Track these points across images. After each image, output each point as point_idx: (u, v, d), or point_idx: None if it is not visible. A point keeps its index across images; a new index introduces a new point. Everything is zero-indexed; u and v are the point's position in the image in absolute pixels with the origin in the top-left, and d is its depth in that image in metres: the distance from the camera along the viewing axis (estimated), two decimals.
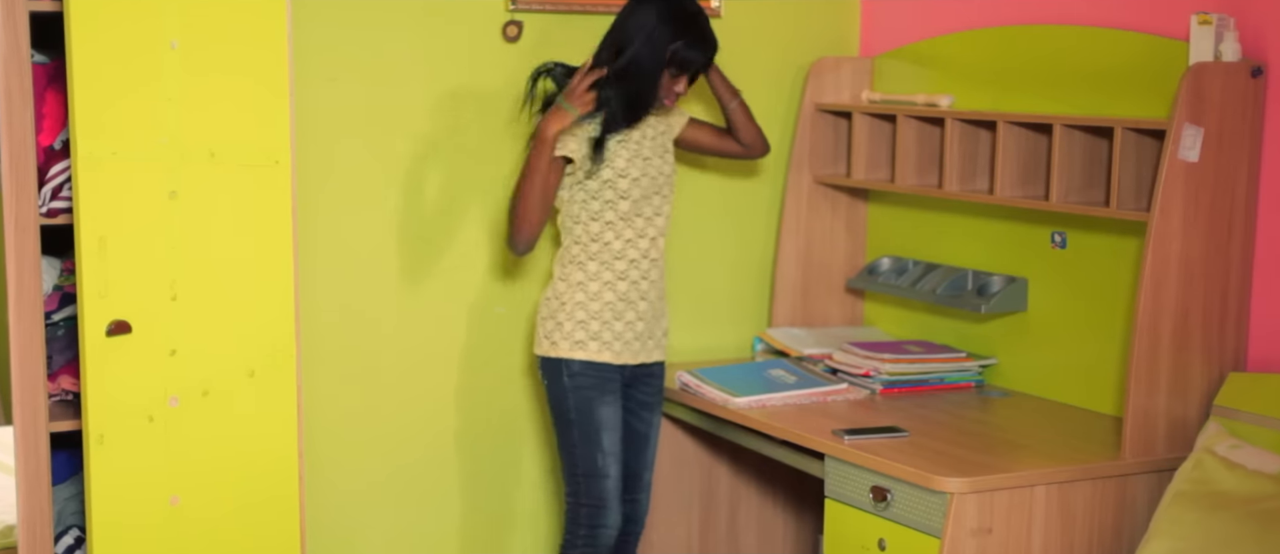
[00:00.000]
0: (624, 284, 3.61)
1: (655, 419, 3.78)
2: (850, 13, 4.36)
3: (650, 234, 3.65)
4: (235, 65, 3.16)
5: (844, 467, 3.32)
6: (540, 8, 3.92)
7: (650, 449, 3.78)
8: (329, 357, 3.82)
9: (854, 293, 4.37)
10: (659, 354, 3.74)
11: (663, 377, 3.78)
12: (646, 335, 3.67)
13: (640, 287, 3.64)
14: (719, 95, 3.89)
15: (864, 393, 3.79)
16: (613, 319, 3.60)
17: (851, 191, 4.29)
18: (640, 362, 3.68)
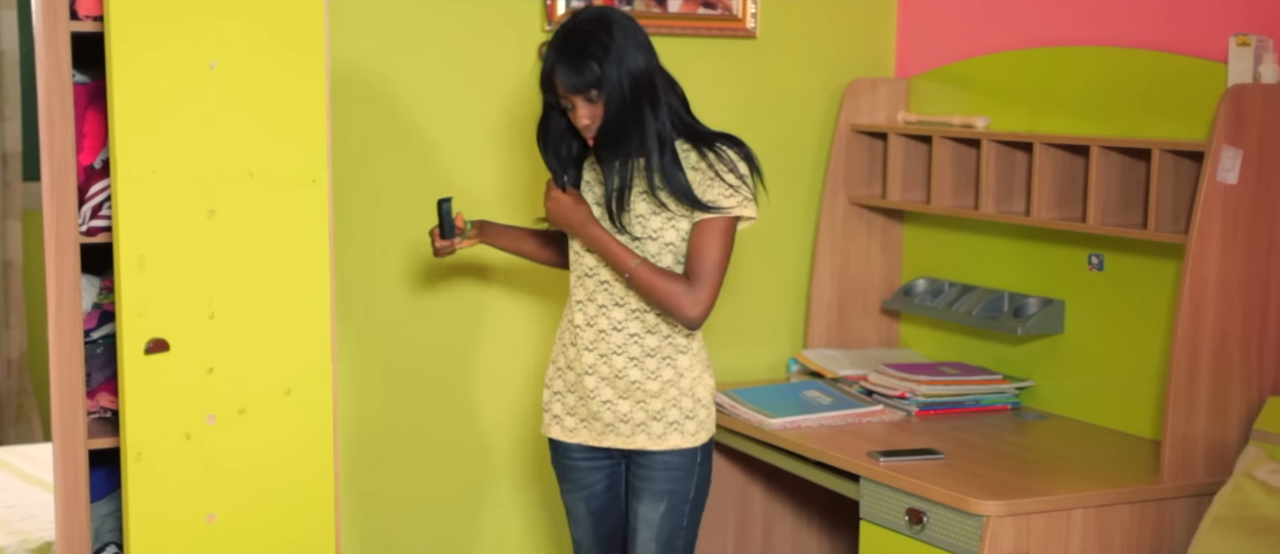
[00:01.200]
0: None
1: (642, 509, 3.27)
2: (886, 34, 4.35)
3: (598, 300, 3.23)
4: (274, 85, 3.18)
5: (879, 489, 3.31)
6: None
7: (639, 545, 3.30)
8: (365, 375, 3.83)
9: (889, 314, 4.35)
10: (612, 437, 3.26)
11: (654, 462, 3.24)
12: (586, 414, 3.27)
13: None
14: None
15: (899, 414, 3.77)
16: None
17: (887, 213, 4.28)
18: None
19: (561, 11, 3.89)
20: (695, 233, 3.10)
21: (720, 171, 3.11)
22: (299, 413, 3.27)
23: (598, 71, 3.02)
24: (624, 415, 3.21)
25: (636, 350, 3.19)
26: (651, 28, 3.97)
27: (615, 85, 3.02)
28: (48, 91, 3.08)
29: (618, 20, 3.08)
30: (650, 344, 3.19)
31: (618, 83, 3.02)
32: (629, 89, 3.04)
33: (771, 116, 4.23)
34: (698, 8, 4.06)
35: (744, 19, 4.12)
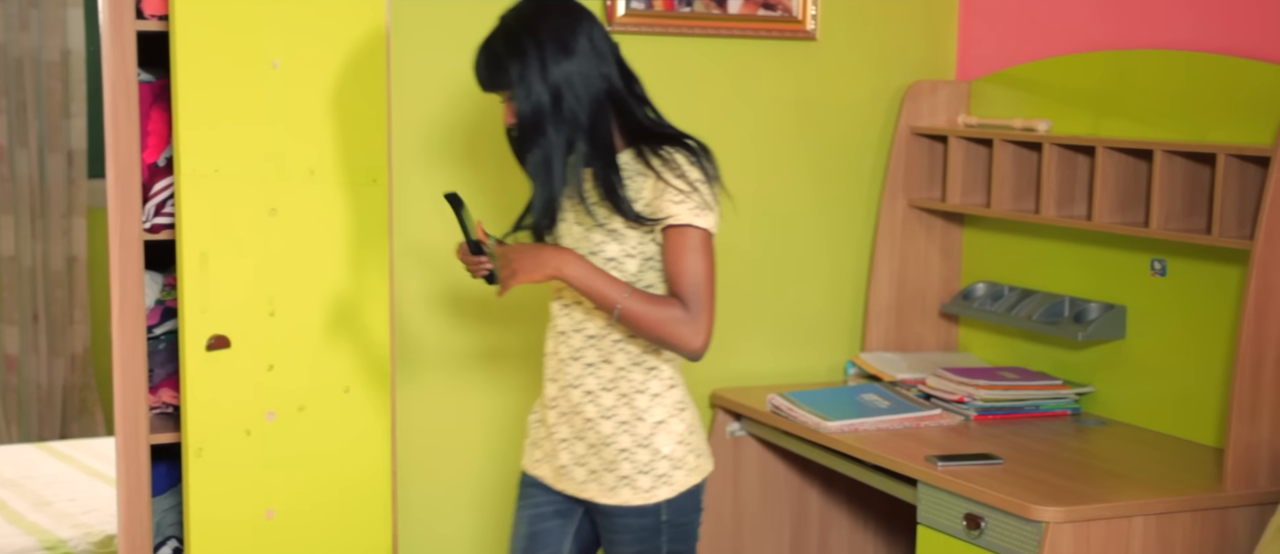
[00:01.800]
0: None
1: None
2: (947, 36, 4.33)
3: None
4: (335, 84, 3.20)
5: (937, 493, 3.29)
6: (635, 29, 3.93)
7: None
8: (423, 374, 3.85)
9: (948, 318, 4.33)
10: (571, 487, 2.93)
11: (613, 521, 2.88)
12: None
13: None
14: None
15: (958, 419, 3.75)
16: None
17: (946, 216, 4.26)
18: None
19: (621, 12, 3.90)
20: (667, 252, 2.75)
21: (668, 179, 2.74)
22: (358, 410, 3.29)
23: (511, 72, 2.74)
24: (579, 458, 2.89)
25: (593, 383, 2.85)
26: (711, 30, 3.98)
27: (531, 86, 2.72)
28: (113, 90, 3.12)
29: (552, 10, 2.76)
30: (606, 376, 2.84)
31: (533, 83, 2.71)
32: (550, 91, 2.71)
33: (830, 119, 4.22)
34: (758, 9, 4.05)
35: (804, 21, 4.10)
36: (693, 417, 2.90)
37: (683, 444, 2.86)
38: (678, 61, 4.01)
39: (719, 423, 4.08)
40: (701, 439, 2.93)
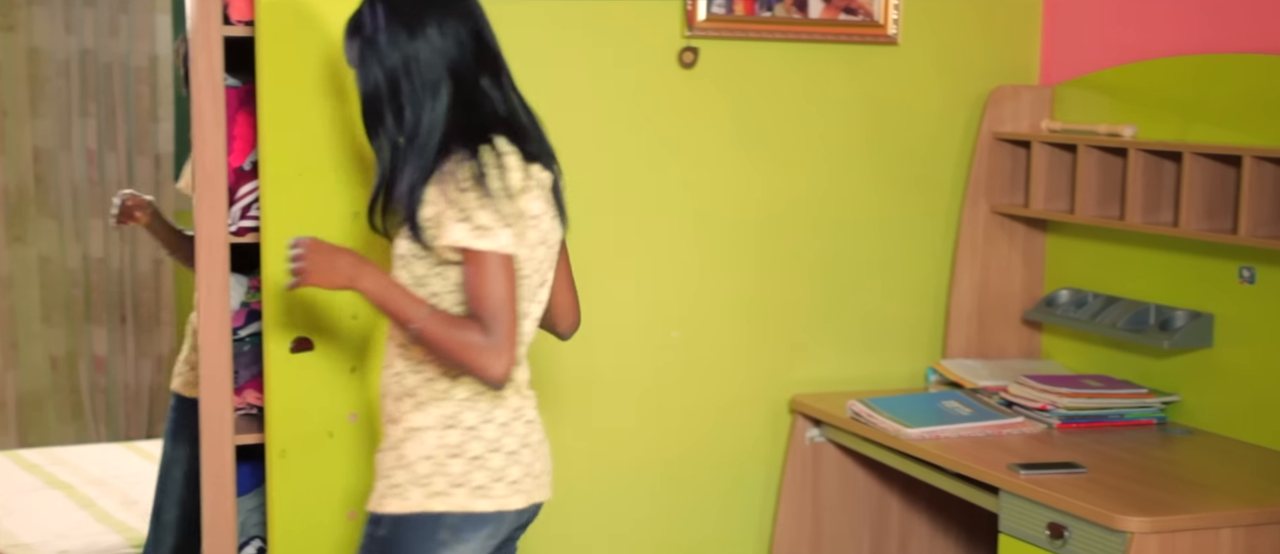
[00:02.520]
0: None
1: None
2: (1031, 40, 4.29)
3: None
4: None
5: (1020, 502, 3.26)
6: (716, 35, 3.93)
7: None
8: None
9: (1031, 325, 4.29)
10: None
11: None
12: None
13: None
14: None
15: (1040, 427, 3.71)
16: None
17: (1029, 222, 4.22)
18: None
19: (702, 16, 3.89)
20: (463, 274, 2.51)
21: (449, 195, 2.48)
22: None
23: (351, 50, 2.62)
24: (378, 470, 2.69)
25: (397, 389, 2.64)
26: (791, 34, 3.97)
27: (369, 68, 2.57)
28: (200, 95, 3.15)
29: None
30: (409, 384, 2.62)
31: (371, 65, 2.56)
32: (386, 76, 2.54)
33: (912, 124, 4.19)
34: (839, 14, 4.03)
35: (886, 25, 4.08)
36: (478, 447, 2.56)
37: (433, 462, 2.55)
38: (758, 67, 4.00)
39: (798, 429, 4.07)
40: (488, 476, 2.56)
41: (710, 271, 4.05)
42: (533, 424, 2.67)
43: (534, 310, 2.66)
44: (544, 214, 2.59)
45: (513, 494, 2.60)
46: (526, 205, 2.53)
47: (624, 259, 3.96)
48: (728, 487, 4.14)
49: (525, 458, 2.62)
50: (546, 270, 2.64)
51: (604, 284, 3.95)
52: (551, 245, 2.64)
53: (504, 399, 2.60)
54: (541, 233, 2.58)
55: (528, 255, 2.56)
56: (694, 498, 4.11)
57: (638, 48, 3.91)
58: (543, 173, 2.60)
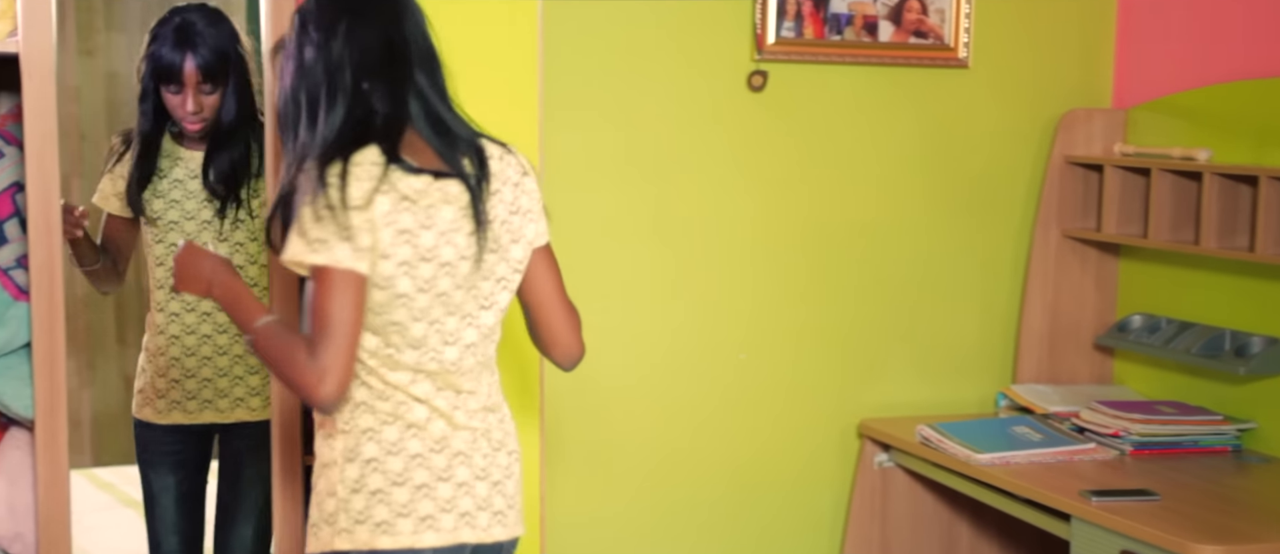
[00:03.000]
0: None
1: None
2: (1103, 64, 4.26)
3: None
4: (488, 114, 3.22)
5: (1091, 529, 3.22)
6: (786, 58, 3.93)
7: None
8: (571, 397, 3.88)
9: (1103, 351, 4.25)
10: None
11: None
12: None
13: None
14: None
15: (1113, 453, 3.68)
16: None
17: (1102, 246, 4.18)
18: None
19: (771, 40, 3.90)
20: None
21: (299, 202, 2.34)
22: None
23: (275, 63, 2.55)
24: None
25: (316, 419, 2.48)
26: (861, 58, 3.96)
27: (282, 76, 2.45)
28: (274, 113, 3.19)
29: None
30: (320, 415, 2.44)
31: (285, 74, 2.44)
32: (292, 86, 2.41)
33: (982, 147, 4.17)
34: (909, 37, 4.02)
35: (956, 48, 4.07)
36: (378, 480, 2.36)
37: (336, 499, 2.38)
38: (827, 91, 4.00)
39: (867, 453, 4.05)
40: (390, 511, 2.36)
41: (779, 294, 4.04)
42: (463, 457, 2.41)
43: (424, 333, 2.36)
44: (432, 230, 2.32)
45: (423, 530, 2.36)
46: (386, 218, 2.28)
47: (693, 281, 3.97)
48: (795, 511, 4.12)
49: (443, 493, 2.38)
50: (451, 289, 2.36)
51: (673, 305, 3.96)
52: (450, 263, 2.35)
53: (423, 429, 2.38)
54: (424, 249, 2.32)
55: (397, 273, 2.30)
56: (761, 522, 4.10)
57: (707, 71, 3.92)
58: (438, 185, 2.34)
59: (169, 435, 3.46)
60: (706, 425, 4.03)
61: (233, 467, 3.50)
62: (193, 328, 3.40)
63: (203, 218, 3.37)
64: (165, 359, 3.42)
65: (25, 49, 2.77)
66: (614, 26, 3.82)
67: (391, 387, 2.36)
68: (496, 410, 2.49)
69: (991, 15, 4.11)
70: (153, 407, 3.46)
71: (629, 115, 3.88)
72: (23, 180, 2.88)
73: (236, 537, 3.51)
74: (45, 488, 2.86)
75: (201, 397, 3.43)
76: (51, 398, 2.84)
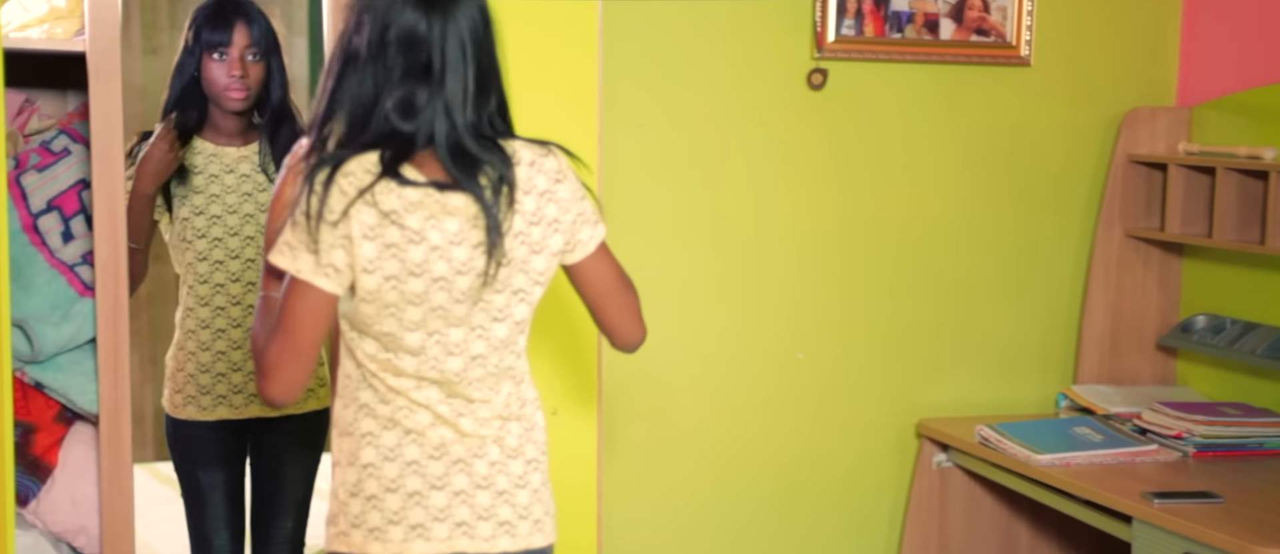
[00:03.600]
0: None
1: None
2: (1167, 61, 4.22)
3: None
4: (547, 114, 3.25)
5: (1153, 531, 3.20)
6: (845, 56, 3.92)
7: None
8: (629, 398, 3.88)
9: (1165, 351, 4.21)
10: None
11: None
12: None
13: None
14: None
15: (1175, 455, 3.64)
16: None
17: (1165, 246, 4.14)
18: None
19: (831, 38, 3.88)
20: None
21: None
22: (565, 433, 3.33)
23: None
24: None
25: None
26: (922, 56, 3.95)
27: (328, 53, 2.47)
28: None
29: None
30: (335, 412, 2.42)
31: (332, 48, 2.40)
32: (323, 86, 2.35)
33: (1044, 146, 4.14)
34: (970, 35, 4.00)
35: (1018, 47, 4.04)
36: (374, 485, 2.33)
37: (338, 500, 2.37)
38: (888, 89, 3.98)
39: (925, 453, 4.03)
40: (382, 518, 2.33)
41: (838, 293, 4.03)
42: (463, 464, 2.35)
43: (422, 343, 2.30)
44: (423, 245, 2.24)
45: (413, 538, 2.32)
46: (369, 231, 2.22)
47: (751, 280, 3.96)
48: (853, 511, 4.11)
49: (436, 501, 2.33)
50: (448, 303, 2.28)
51: (731, 305, 3.95)
52: (444, 278, 2.26)
53: (422, 435, 2.33)
54: (412, 264, 2.24)
55: (384, 287, 2.25)
56: (819, 522, 4.09)
57: (767, 70, 3.91)
58: (438, 197, 2.25)
59: (215, 433, 3.49)
60: (765, 425, 4.02)
61: (272, 461, 3.54)
62: (238, 320, 3.43)
63: (245, 211, 3.41)
64: (210, 354, 3.45)
65: (91, 48, 2.80)
66: (673, 26, 3.82)
67: (394, 391, 2.32)
68: (516, 418, 2.41)
69: (1054, 12, 4.08)
70: (196, 404, 3.49)
71: (688, 115, 3.88)
72: (88, 178, 2.92)
73: (276, 529, 3.54)
74: (108, 482, 2.89)
75: (247, 391, 3.46)
76: (115, 393, 2.87)
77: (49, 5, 2.91)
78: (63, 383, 2.94)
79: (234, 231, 3.40)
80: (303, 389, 2.28)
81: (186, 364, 3.48)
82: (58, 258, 2.96)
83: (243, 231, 3.41)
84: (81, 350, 2.96)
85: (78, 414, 3.01)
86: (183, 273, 3.48)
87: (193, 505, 3.54)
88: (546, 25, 3.23)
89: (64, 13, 2.92)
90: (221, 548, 3.52)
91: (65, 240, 2.97)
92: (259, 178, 3.44)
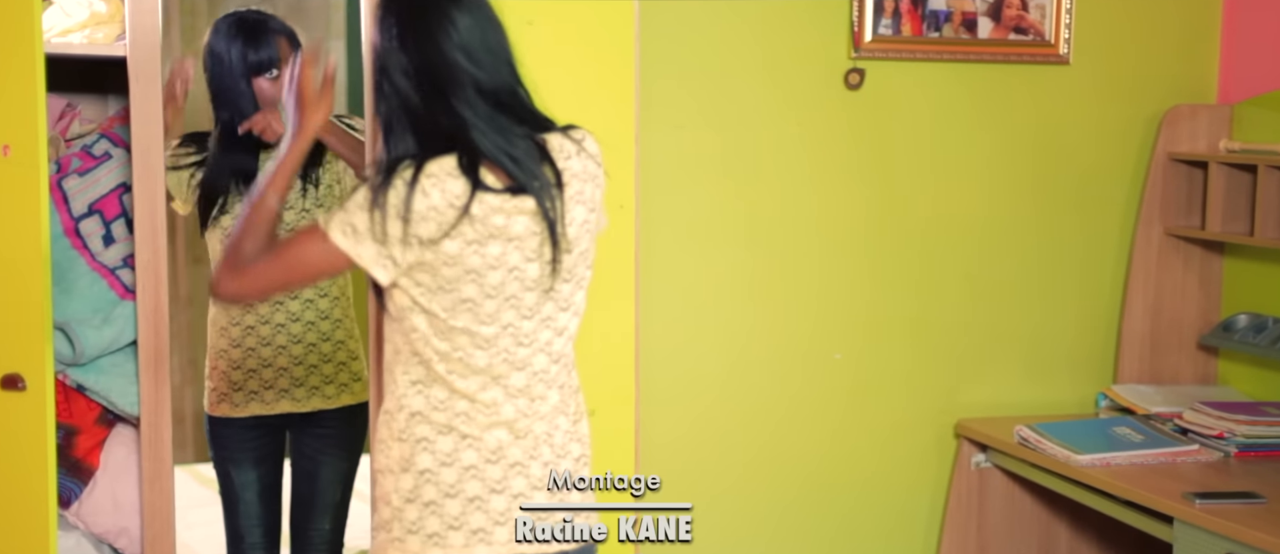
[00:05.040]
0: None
1: None
2: (1208, 59, 4.19)
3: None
4: (584, 116, 3.24)
5: (1195, 532, 3.17)
6: (883, 56, 3.91)
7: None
8: (666, 399, 3.88)
9: (1207, 350, 4.18)
10: None
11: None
12: None
13: None
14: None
15: (1217, 455, 3.61)
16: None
17: (1206, 244, 4.11)
18: None
19: (868, 38, 3.87)
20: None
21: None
22: (602, 433, 3.32)
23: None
24: None
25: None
26: (960, 55, 3.93)
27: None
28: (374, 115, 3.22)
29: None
30: (386, 408, 2.42)
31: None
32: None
33: (1083, 145, 4.12)
34: (1008, 34, 3.98)
35: (1057, 45, 4.02)
36: (431, 490, 2.34)
37: (391, 507, 2.37)
38: (925, 88, 3.97)
39: (964, 453, 4.02)
40: (442, 523, 2.34)
41: (875, 293, 4.02)
42: (520, 468, 2.37)
43: (495, 334, 2.33)
44: (500, 238, 2.30)
45: (475, 544, 2.34)
46: (452, 231, 2.27)
47: (787, 280, 3.95)
48: (891, 511, 4.10)
49: (496, 506, 2.35)
50: (520, 292, 2.33)
51: (767, 304, 3.95)
52: (519, 268, 2.32)
53: (479, 440, 2.35)
54: (491, 257, 2.29)
55: (464, 278, 2.29)
56: (856, 522, 4.08)
57: (804, 70, 3.90)
58: (514, 201, 2.31)
59: (248, 431, 3.51)
60: (801, 424, 4.02)
61: (309, 462, 3.55)
62: (267, 317, 3.45)
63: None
64: (241, 351, 3.47)
65: (132, 53, 2.82)
66: (710, 27, 3.82)
67: (456, 394, 2.33)
68: (566, 413, 2.45)
69: (1093, 10, 4.06)
70: (229, 401, 3.51)
71: (724, 115, 3.87)
72: (129, 181, 2.94)
73: (315, 530, 3.56)
74: (149, 483, 2.91)
75: (278, 386, 3.48)
76: (156, 395, 2.89)
77: (90, 10, 2.94)
78: (104, 385, 2.96)
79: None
80: (245, 305, 2.32)
81: (220, 361, 3.51)
82: (99, 261, 2.99)
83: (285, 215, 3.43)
84: (123, 353, 2.98)
85: (119, 416, 3.03)
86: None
87: (227, 504, 3.58)
88: (584, 25, 3.23)
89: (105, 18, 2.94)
90: (254, 546, 3.55)
91: (106, 244, 2.99)
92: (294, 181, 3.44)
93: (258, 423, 3.51)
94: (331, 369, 3.48)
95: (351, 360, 3.53)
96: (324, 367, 3.48)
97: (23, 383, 2.62)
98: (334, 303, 3.49)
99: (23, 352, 2.64)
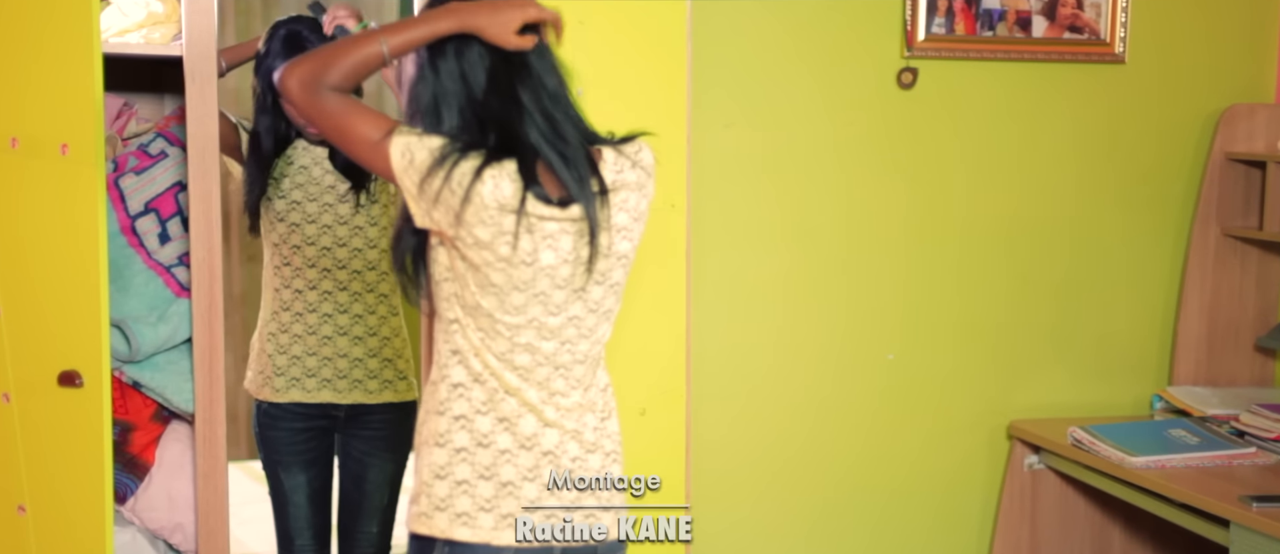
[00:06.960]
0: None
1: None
2: (1267, 57, 4.14)
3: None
4: (636, 114, 3.25)
5: (1252, 536, 3.14)
6: (935, 55, 3.89)
7: None
8: (717, 398, 3.88)
9: (1264, 352, 4.14)
10: None
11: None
12: None
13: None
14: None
15: (1274, 458, 3.58)
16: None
17: (1263, 245, 4.07)
18: None
19: (921, 37, 3.86)
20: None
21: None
22: (653, 432, 3.33)
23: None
24: None
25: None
26: (1014, 54, 3.91)
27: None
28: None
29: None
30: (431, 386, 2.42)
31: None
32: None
33: (1139, 144, 4.08)
34: (1063, 32, 3.95)
35: (1113, 43, 3.99)
36: (465, 469, 2.33)
37: (420, 480, 2.35)
38: (978, 87, 3.95)
39: (1017, 455, 3.99)
40: (473, 504, 2.33)
41: (927, 294, 4.00)
42: (551, 457, 2.36)
43: (520, 324, 2.32)
44: (534, 235, 2.28)
45: (504, 527, 2.32)
46: (490, 219, 2.25)
47: (839, 280, 3.94)
48: (943, 513, 4.08)
49: (528, 493, 2.34)
50: (550, 289, 2.31)
51: (819, 304, 3.94)
52: (551, 266, 2.30)
53: (514, 424, 2.34)
54: (524, 253, 2.28)
55: (491, 261, 2.27)
56: (909, 523, 4.06)
57: (857, 69, 3.89)
58: (564, 212, 2.30)
59: (296, 433, 3.51)
60: (853, 426, 4.00)
61: (357, 465, 3.56)
62: (314, 305, 3.46)
63: (325, 201, 3.44)
64: (288, 336, 3.49)
65: (188, 53, 2.84)
66: (763, 25, 3.81)
67: (490, 371, 2.32)
68: (594, 410, 2.43)
69: (1149, 8, 4.02)
70: (271, 386, 3.52)
71: (777, 115, 3.87)
72: (185, 180, 2.96)
73: (361, 533, 3.58)
74: (204, 480, 2.94)
75: (321, 375, 3.49)
76: (210, 392, 2.91)
77: (147, 10, 2.96)
78: (159, 382, 2.99)
79: (322, 211, 3.43)
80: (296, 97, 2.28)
81: (267, 345, 3.53)
82: (155, 259, 3.01)
83: (341, 209, 3.44)
84: (178, 350, 3.01)
85: (174, 413, 3.05)
86: (274, 253, 3.51)
87: (277, 506, 3.60)
88: (636, 26, 3.23)
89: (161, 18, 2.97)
90: (304, 548, 3.56)
91: (162, 242, 3.02)
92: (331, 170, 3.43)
93: (302, 416, 3.51)
94: (377, 364, 3.49)
95: (397, 358, 3.54)
96: (369, 361, 3.49)
97: (80, 379, 2.65)
98: (381, 299, 3.51)
99: (80, 349, 2.67)
